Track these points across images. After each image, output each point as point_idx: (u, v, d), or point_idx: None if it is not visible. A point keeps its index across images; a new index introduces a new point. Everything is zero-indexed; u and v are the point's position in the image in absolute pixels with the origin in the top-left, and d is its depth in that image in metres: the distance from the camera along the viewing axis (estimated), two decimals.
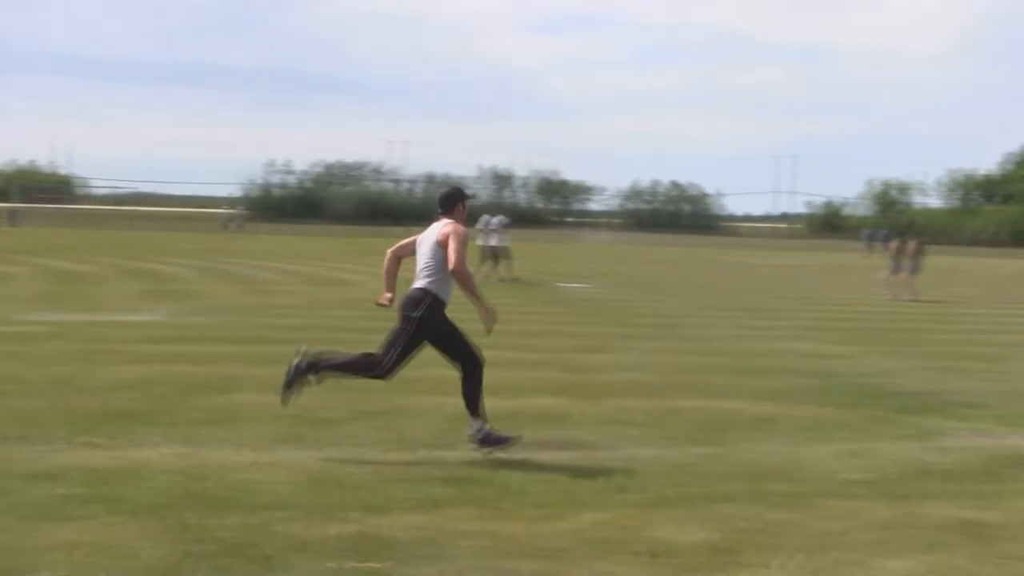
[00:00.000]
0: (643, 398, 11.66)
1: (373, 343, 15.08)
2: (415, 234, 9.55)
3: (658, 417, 10.59)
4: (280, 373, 8.99)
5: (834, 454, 9.25)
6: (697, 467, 8.57)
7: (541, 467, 8.43)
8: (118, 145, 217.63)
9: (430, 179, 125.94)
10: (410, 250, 9.51)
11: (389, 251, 9.82)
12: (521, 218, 74.50)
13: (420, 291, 9.02)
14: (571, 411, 10.75)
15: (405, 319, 9.01)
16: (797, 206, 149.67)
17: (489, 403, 10.81)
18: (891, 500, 7.81)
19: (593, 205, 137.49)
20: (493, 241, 32.16)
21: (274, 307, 21.23)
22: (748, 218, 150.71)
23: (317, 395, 11.09)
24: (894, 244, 32.97)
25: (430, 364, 13.40)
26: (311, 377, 9.07)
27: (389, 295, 9.58)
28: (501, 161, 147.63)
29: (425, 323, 8.97)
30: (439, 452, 8.91)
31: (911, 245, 31.73)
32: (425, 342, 9.15)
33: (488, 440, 8.82)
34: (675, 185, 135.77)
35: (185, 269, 33.20)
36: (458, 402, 9.20)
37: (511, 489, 7.70)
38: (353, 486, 7.71)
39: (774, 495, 7.80)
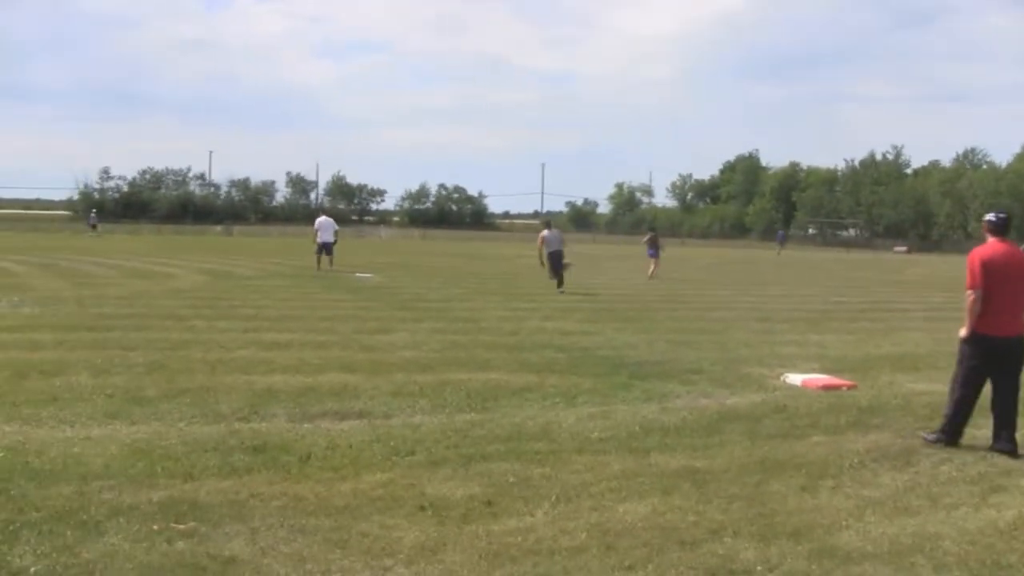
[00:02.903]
0: (423, 372, 11.60)
1: (194, 329, 14.82)
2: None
3: (436, 388, 10.55)
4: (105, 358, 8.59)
5: (583, 416, 9.37)
6: (468, 431, 8.57)
7: (336, 435, 8.29)
8: None
9: (237, 184, 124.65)
10: None
11: None
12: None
13: None
14: (362, 385, 10.61)
15: None
16: (553, 205, 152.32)
17: (291, 380, 10.71)
18: (630, 453, 7.96)
19: (382, 206, 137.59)
20: (330, 238, 32.39)
21: (102, 298, 20.40)
22: (509, 216, 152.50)
23: (136, 376, 10.79)
24: (648, 237, 35.91)
25: (242, 346, 13.26)
26: None
27: None
28: (299, 168, 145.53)
29: None
30: (246, 424, 8.66)
31: (653, 237, 35.00)
32: None
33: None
34: (446, 188, 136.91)
35: (19, 265, 31.71)
36: (265, 379, 8.96)
37: (309, 456, 7.57)
38: (167, 456, 7.46)
39: (533, 453, 7.87)
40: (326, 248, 32.30)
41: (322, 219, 33.40)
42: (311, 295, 22.83)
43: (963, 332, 8.52)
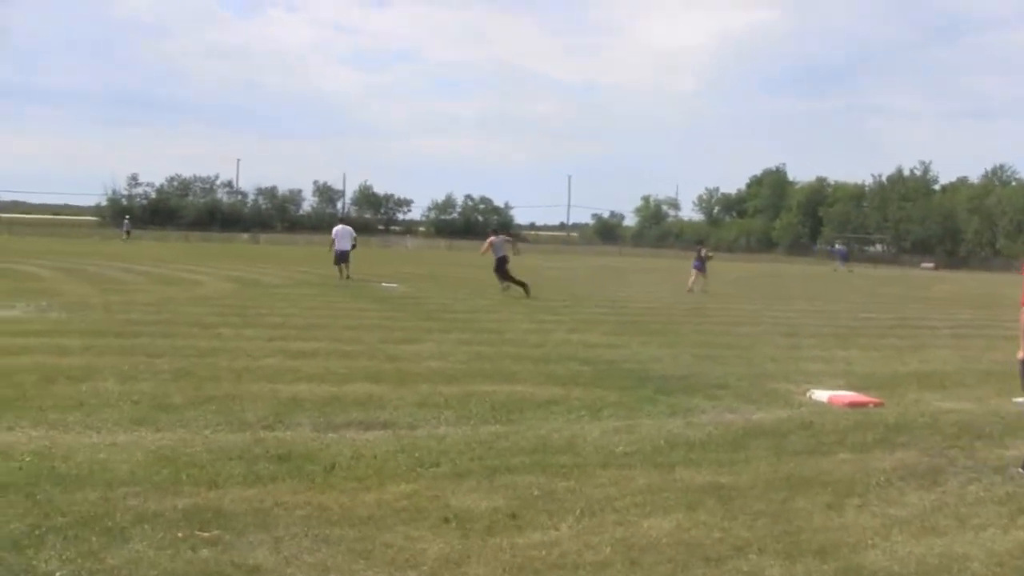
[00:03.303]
0: (448, 383, 11.58)
1: (221, 337, 14.90)
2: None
3: (461, 400, 10.53)
4: (132, 364, 8.63)
5: (608, 430, 9.33)
6: (493, 443, 8.54)
7: (361, 445, 8.27)
8: None
9: (264, 192, 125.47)
10: None
11: None
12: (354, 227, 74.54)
13: None
14: (387, 395, 10.60)
15: None
16: (579, 217, 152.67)
17: (317, 390, 10.73)
18: (655, 468, 7.92)
19: (408, 216, 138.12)
20: (346, 246, 32.85)
21: (129, 304, 20.52)
22: (535, 227, 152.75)
23: (162, 383, 10.83)
24: (697, 250, 36.36)
25: (268, 354, 13.30)
26: None
27: None
28: (326, 176, 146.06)
29: None
30: (271, 433, 8.66)
31: (700, 251, 35.69)
32: None
33: None
34: (472, 198, 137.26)
35: (48, 270, 31.95)
36: (291, 388, 8.97)
37: (333, 465, 7.56)
38: (192, 464, 7.47)
39: (558, 466, 7.84)
40: (343, 256, 32.58)
41: (339, 227, 33.74)
42: (337, 304, 22.89)
43: (1020, 354, 8.40)
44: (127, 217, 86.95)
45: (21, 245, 55.96)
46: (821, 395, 11.78)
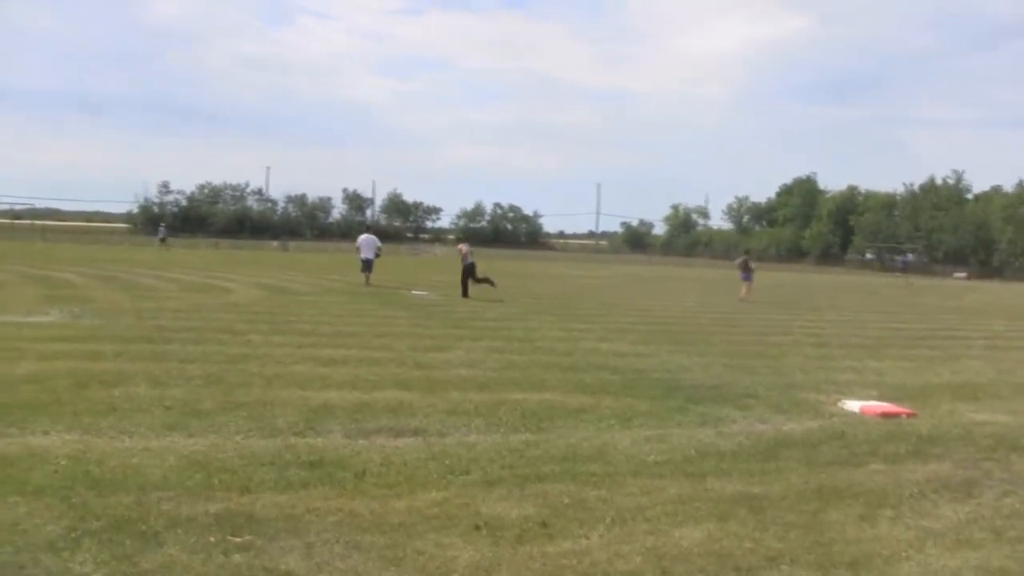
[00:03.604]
0: (478, 391, 11.59)
1: (251, 343, 14.97)
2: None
3: (491, 407, 10.54)
4: (163, 370, 8.70)
5: (638, 439, 9.33)
6: (524, 451, 8.55)
7: (391, 452, 8.31)
8: (21, 166, 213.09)
9: (294, 199, 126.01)
10: None
11: None
12: (375, 234, 74.63)
13: None
14: (417, 403, 10.62)
15: None
16: (608, 225, 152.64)
17: (347, 396, 10.77)
18: (686, 478, 7.92)
19: (438, 223, 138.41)
20: (369, 254, 33.17)
21: (160, 310, 20.64)
22: (564, 235, 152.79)
23: (193, 389, 10.90)
24: (740, 260, 36.69)
25: (298, 361, 13.36)
26: None
27: None
28: (356, 184, 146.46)
29: None
30: (302, 439, 8.70)
31: (745, 260, 35.93)
32: None
33: None
34: (501, 206, 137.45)
35: (81, 276, 32.16)
36: (321, 395, 9.00)
37: (364, 472, 7.60)
38: (224, 469, 7.53)
39: (589, 475, 7.85)
40: (366, 265, 32.87)
41: (364, 236, 34.07)
42: (366, 312, 22.94)
43: None
44: (163, 224, 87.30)
45: (55, 252, 56.43)
46: (852, 405, 11.73)
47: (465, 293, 29.29)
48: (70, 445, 8.07)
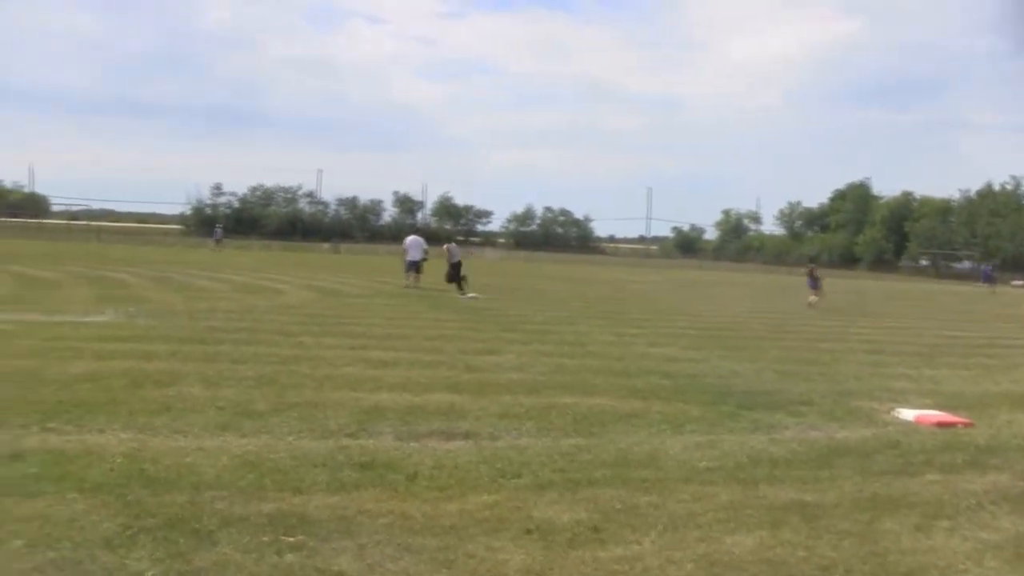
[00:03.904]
0: (528, 395, 11.60)
1: (302, 345, 15.08)
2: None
3: (542, 411, 10.54)
4: (216, 370, 8.78)
5: (690, 445, 9.28)
6: (575, 455, 8.54)
7: (443, 455, 8.33)
8: (78, 169, 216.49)
9: (345, 202, 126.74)
10: None
11: None
12: (426, 237, 75.00)
13: None
14: (468, 406, 10.64)
15: None
16: (659, 230, 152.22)
17: (398, 399, 10.81)
18: (738, 484, 7.87)
19: (488, 227, 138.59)
20: (418, 256, 33.27)
21: (213, 311, 20.84)
22: (614, 240, 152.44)
23: (246, 390, 10.99)
24: (807, 268, 37.34)
25: (349, 363, 13.44)
26: None
27: None
28: (406, 187, 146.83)
29: None
30: (353, 441, 8.74)
31: (812, 269, 36.49)
32: None
33: None
34: (551, 210, 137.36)
35: (135, 277, 32.57)
36: (372, 397, 9.04)
37: (416, 474, 7.63)
38: (276, 469, 7.59)
39: (640, 480, 7.83)
40: (415, 266, 32.97)
41: (410, 238, 34.27)
42: (417, 314, 23.02)
43: None
44: (219, 225, 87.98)
45: (110, 252, 57.18)
46: (907, 414, 11.60)
47: (459, 287, 31.17)
48: (125, 443, 8.18)
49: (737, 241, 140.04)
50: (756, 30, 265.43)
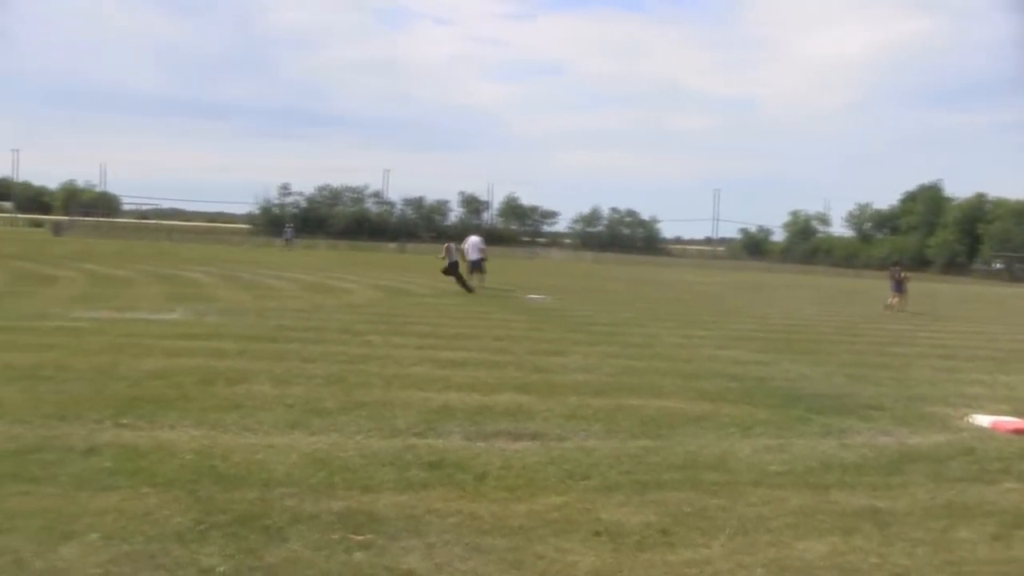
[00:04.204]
0: (596, 396, 11.57)
1: (370, 344, 15.17)
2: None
3: (609, 413, 10.50)
4: (285, 369, 8.85)
5: (759, 448, 9.21)
6: (643, 458, 8.50)
7: (511, 455, 8.33)
8: (148, 168, 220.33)
9: (411, 202, 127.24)
10: None
11: None
12: (493, 238, 74.77)
13: None
14: (536, 407, 10.63)
15: None
16: (725, 232, 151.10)
17: (466, 399, 10.83)
18: (809, 489, 7.79)
19: (554, 227, 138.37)
20: (476, 256, 32.83)
21: (281, 310, 21.06)
22: (680, 241, 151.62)
23: (315, 388, 11.08)
24: (892, 271, 36.28)
25: (417, 362, 13.49)
26: None
27: None
28: (472, 188, 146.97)
29: None
30: (422, 440, 8.77)
31: (897, 271, 35.62)
32: None
33: None
34: (618, 211, 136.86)
35: (205, 276, 33.00)
36: (440, 396, 9.07)
37: (484, 474, 7.64)
38: (345, 468, 7.64)
39: (709, 483, 7.77)
40: (476, 266, 33.01)
41: (471, 238, 34.12)
42: (484, 315, 23.05)
43: None
44: (290, 225, 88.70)
45: (180, 251, 58.04)
46: (983, 420, 11.39)
47: (459, 281, 31.08)
48: (196, 440, 8.29)
49: (805, 243, 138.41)
50: (827, 29, 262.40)
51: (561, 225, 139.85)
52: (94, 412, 9.11)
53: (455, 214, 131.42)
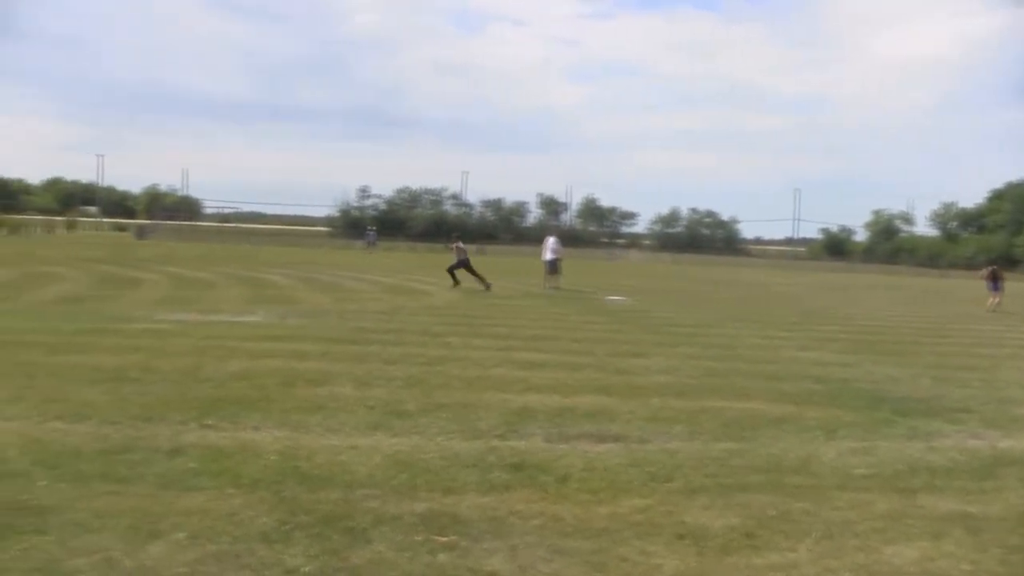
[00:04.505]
0: (678, 398, 11.49)
1: (450, 346, 15.22)
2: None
3: (691, 415, 10.42)
4: (366, 370, 8.89)
5: (844, 451, 9.07)
6: (726, 460, 8.42)
7: (593, 457, 8.30)
8: (229, 172, 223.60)
9: (490, 204, 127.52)
10: None
11: None
12: (571, 239, 74.70)
13: None
14: (618, 408, 10.58)
15: None
16: (806, 232, 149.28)
17: (547, 400, 10.81)
18: (896, 493, 7.65)
19: (630, 228, 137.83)
20: (550, 256, 33.08)
21: (362, 312, 21.21)
22: (760, 241, 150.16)
23: (395, 390, 11.14)
24: (987, 271, 36.33)
25: (497, 364, 13.51)
26: None
27: None
28: (550, 189, 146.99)
29: None
30: (503, 442, 8.77)
31: (993, 271, 35.74)
32: None
33: None
34: (697, 212, 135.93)
35: (285, 278, 33.35)
36: (521, 398, 9.06)
37: (567, 476, 7.62)
38: (428, 469, 7.66)
39: (793, 486, 7.67)
40: (552, 266, 33.21)
41: (548, 239, 34.53)
42: (563, 316, 23.02)
43: None
44: (372, 228, 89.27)
45: (260, 254, 58.75)
46: None
47: (453, 277, 31.42)
48: (280, 441, 8.37)
49: (888, 243, 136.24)
50: (905, 26, 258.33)
51: (640, 226, 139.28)
52: (179, 413, 9.25)
53: (534, 215, 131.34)
